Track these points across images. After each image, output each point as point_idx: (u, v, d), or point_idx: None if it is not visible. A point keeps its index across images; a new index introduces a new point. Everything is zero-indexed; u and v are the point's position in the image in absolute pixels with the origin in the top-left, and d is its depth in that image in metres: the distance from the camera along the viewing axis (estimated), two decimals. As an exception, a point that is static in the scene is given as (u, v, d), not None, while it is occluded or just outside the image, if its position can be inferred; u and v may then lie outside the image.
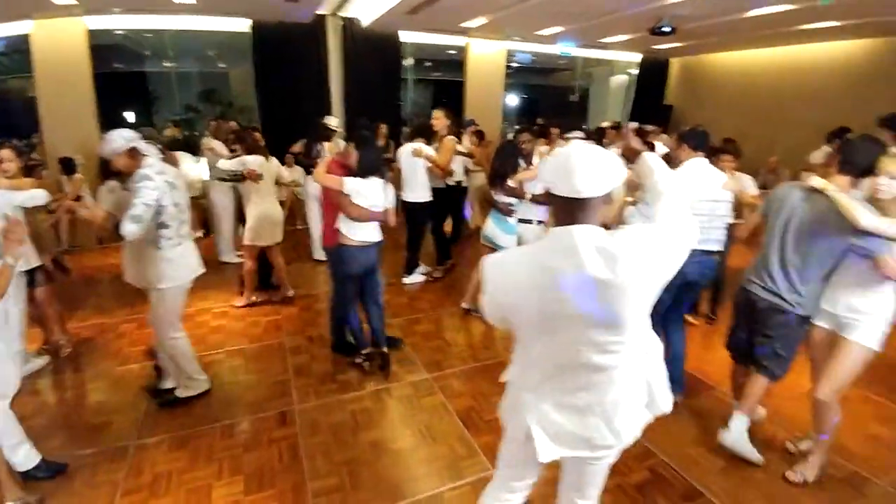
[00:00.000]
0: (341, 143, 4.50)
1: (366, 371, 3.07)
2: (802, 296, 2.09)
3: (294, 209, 6.46)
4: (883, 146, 2.06)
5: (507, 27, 7.27)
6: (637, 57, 9.94)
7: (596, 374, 1.19)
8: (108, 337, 3.57)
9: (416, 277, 4.64)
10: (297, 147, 5.39)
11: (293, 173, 6.30)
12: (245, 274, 4.06)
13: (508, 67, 9.16)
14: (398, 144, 5.82)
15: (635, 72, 10.20)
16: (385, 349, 3.09)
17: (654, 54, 9.71)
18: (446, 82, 11.23)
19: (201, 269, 2.66)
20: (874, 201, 1.94)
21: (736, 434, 2.28)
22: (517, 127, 7.22)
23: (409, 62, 9.00)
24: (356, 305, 3.09)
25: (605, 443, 1.24)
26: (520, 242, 3.56)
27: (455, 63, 8.95)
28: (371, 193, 2.75)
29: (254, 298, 4.13)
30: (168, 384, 2.79)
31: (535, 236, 3.58)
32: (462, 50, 8.44)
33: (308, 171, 4.90)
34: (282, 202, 6.51)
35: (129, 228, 2.20)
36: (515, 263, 1.19)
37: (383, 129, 6.33)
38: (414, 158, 4.11)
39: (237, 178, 3.98)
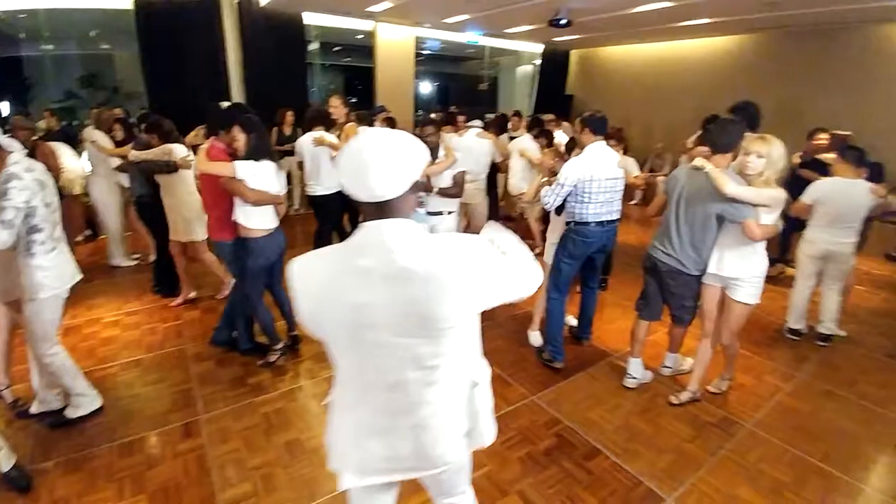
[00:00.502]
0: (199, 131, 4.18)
1: (279, 369, 2.95)
2: (694, 258, 2.50)
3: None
4: (741, 127, 2.43)
5: (413, 12, 7.22)
6: (540, 48, 10.41)
7: (409, 394, 1.07)
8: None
9: None
10: (195, 136, 4.73)
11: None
12: (179, 272, 3.87)
13: (419, 54, 9.13)
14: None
15: (539, 62, 10.69)
16: (296, 332, 3.19)
17: (555, 46, 10.25)
18: (358, 68, 10.91)
19: (79, 276, 2.38)
20: (744, 176, 2.33)
21: (637, 374, 2.89)
22: (420, 115, 7.25)
23: (314, 46, 8.58)
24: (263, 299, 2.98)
25: (420, 469, 1.16)
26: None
27: (365, 48, 8.71)
28: (266, 177, 2.65)
29: (192, 295, 3.93)
30: (55, 405, 2.51)
31: (449, 229, 3.63)
32: (370, 34, 8.24)
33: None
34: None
35: (1, 237, 1.93)
36: (322, 264, 1.04)
37: (289, 115, 6.02)
38: (316, 148, 3.95)
39: (168, 168, 3.52)
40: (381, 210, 0.98)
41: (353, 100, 11.77)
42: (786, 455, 2.41)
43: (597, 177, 2.81)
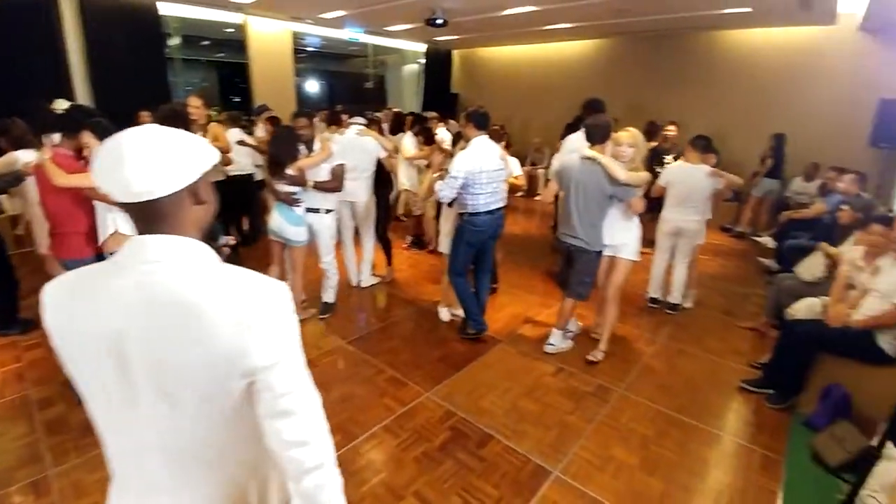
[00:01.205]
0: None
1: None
2: (593, 236, 2.94)
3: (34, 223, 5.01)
4: (609, 120, 2.97)
5: (285, 6, 6.84)
6: (423, 47, 10.53)
7: (169, 477, 0.82)
8: None
9: None
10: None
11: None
12: None
13: (300, 51, 8.67)
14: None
15: (424, 61, 10.82)
16: None
17: (437, 45, 10.44)
18: (234, 64, 10.05)
19: None
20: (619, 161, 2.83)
21: (556, 341, 3.25)
22: (295, 112, 6.92)
23: (175, 41, 7.71)
24: None
25: None
26: (311, 233, 3.43)
27: (238, 43, 8.05)
28: None
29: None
30: None
31: (327, 227, 3.48)
32: (241, 28, 7.64)
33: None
34: (16, 216, 5.03)
35: None
36: (66, 282, 0.80)
37: (145, 117, 5.32)
38: None
39: (11, 182, 3.02)
40: (148, 218, 0.76)
41: (237, 99, 10.88)
42: (650, 412, 2.70)
43: (485, 168, 3.05)
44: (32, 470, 2.18)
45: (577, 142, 3.65)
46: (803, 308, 2.97)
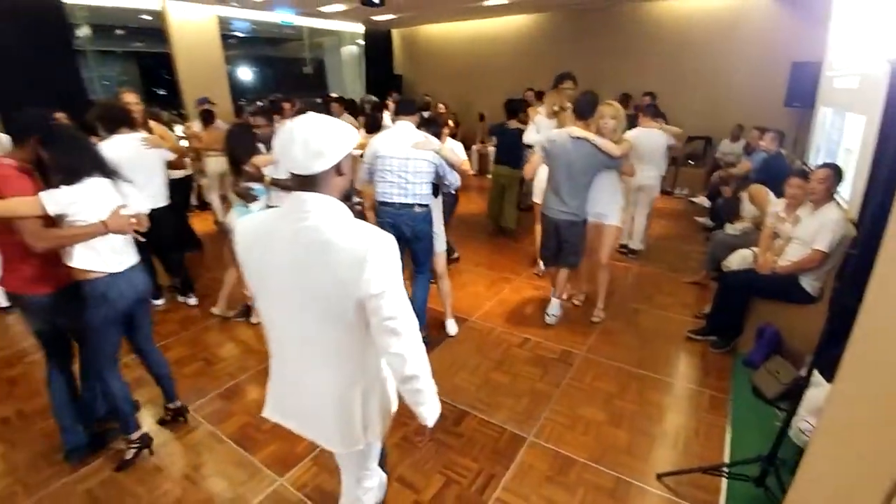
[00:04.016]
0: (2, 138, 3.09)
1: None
2: (582, 207, 3.11)
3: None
4: (594, 97, 3.09)
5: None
6: (361, 28, 10.20)
7: (304, 360, 1.21)
8: None
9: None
10: None
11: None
12: None
13: (228, 37, 8.15)
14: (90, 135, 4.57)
15: (363, 42, 10.49)
16: (179, 402, 2.49)
17: (376, 25, 10.15)
18: (155, 55, 9.31)
19: None
20: (601, 135, 2.98)
21: (555, 311, 3.43)
22: (249, 107, 6.57)
23: (84, 31, 7.03)
24: (117, 364, 2.22)
25: (314, 434, 1.30)
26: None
27: (157, 31, 7.45)
28: (96, 201, 1.92)
29: None
30: None
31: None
32: (159, 15, 7.08)
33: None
34: None
35: None
36: (253, 222, 1.19)
37: (61, 117, 4.86)
38: (143, 152, 3.16)
39: None
40: (305, 184, 1.07)
41: (163, 92, 10.00)
42: (611, 370, 2.89)
43: (390, 154, 2.74)
44: None
45: (543, 119, 3.97)
46: (737, 259, 3.24)
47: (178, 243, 3.91)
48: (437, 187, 2.94)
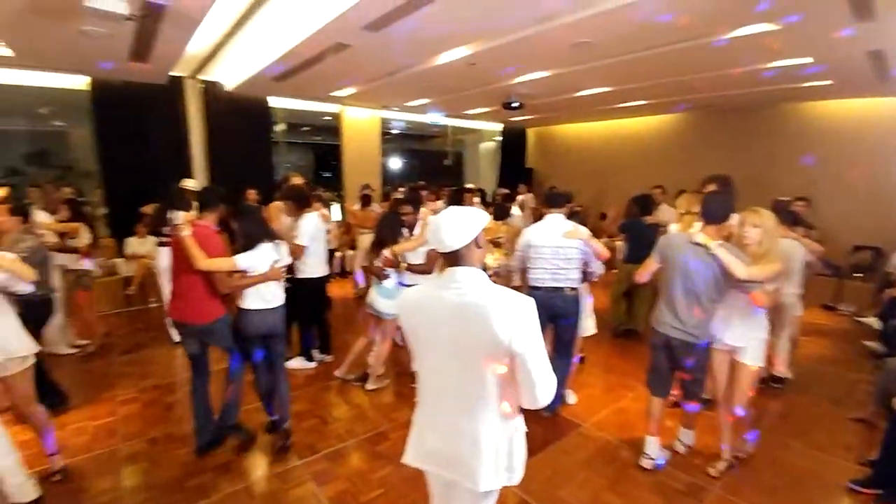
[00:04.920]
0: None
1: (223, 467, 2.69)
2: (703, 329, 2.46)
3: (146, 284, 5.73)
4: (731, 199, 2.54)
5: (377, 97, 7.67)
6: (499, 126, 11.16)
7: (455, 405, 1.38)
8: None
9: (299, 362, 4.06)
10: (149, 209, 5.04)
11: (144, 244, 5.66)
12: None
13: (386, 133, 9.55)
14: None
15: (500, 139, 11.41)
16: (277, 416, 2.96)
17: (513, 124, 11.02)
18: (327, 146, 11.31)
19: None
20: (742, 246, 2.42)
21: (653, 454, 2.71)
22: (400, 189, 7.47)
23: (280, 127, 8.90)
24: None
25: (455, 473, 1.41)
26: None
27: (333, 128, 9.10)
28: (264, 260, 2.70)
29: None
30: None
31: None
32: (336, 116, 8.66)
33: (162, 242, 4.42)
34: (129, 278, 5.75)
35: None
36: (416, 291, 1.47)
37: (252, 193, 6.07)
38: (319, 229, 3.79)
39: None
40: (453, 259, 1.35)
41: (328, 175, 12.13)
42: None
43: (540, 243, 3.04)
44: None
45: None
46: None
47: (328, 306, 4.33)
48: (586, 274, 3.18)
